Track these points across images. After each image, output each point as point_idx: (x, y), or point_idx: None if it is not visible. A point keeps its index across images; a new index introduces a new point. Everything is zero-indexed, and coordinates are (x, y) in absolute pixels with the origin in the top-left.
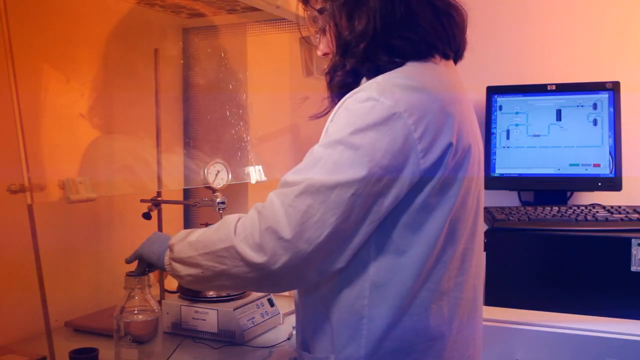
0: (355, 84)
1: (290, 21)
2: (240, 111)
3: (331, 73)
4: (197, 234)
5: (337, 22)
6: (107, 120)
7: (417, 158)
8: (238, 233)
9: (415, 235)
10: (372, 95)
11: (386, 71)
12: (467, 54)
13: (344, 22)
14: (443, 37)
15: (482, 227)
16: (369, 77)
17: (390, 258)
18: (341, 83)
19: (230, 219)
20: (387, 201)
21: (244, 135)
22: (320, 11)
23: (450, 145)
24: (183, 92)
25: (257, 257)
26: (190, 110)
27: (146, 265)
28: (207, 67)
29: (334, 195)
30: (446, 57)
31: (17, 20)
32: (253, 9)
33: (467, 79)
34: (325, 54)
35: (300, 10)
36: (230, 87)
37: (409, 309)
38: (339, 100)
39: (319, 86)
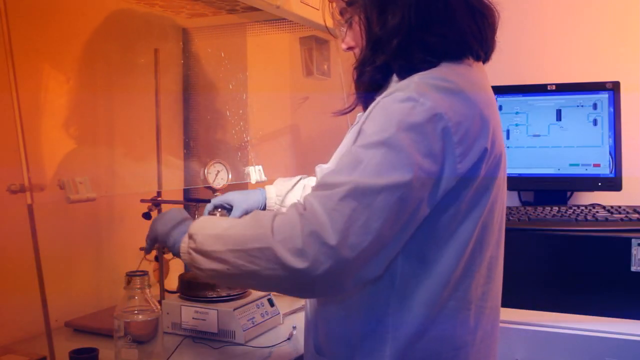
0: (384, 81)
1: (290, 21)
2: (240, 111)
3: (360, 69)
4: (223, 225)
5: (368, 15)
6: (107, 121)
7: (455, 162)
8: (276, 234)
9: (445, 243)
10: (412, 96)
11: (419, 70)
12: None
13: (376, 15)
14: (477, 38)
15: (504, 234)
16: (400, 75)
17: (418, 266)
18: (370, 79)
19: (263, 216)
20: (425, 207)
21: (244, 135)
22: (350, 3)
23: (485, 150)
24: (183, 92)
25: (297, 263)
26: (190, 110)
27: (156, 243)
28: (207, 67)
29: (380, 199)
30: (478, 58)
31: (17, 20)
32: (253, 9)
33: None
34: (349, 48)
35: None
36: (230, 87)
37: (436, 318)
38: (365, 97)
39: (319, 86)
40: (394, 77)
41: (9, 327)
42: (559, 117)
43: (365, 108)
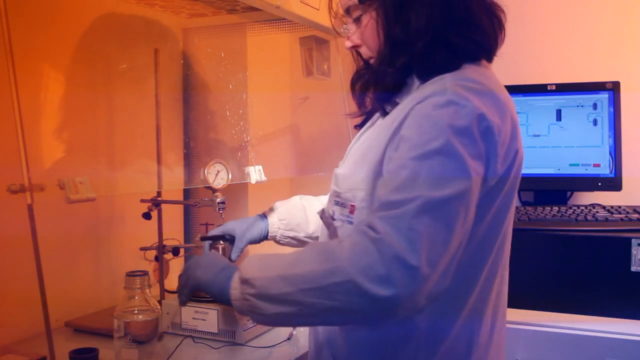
0: (403, 83)
1: (290, 21)
2: (240, 111)
3: (379, 70)
4: (280, 264)
5: (387, 15)
6: (107, 121)
7: (496, 163)
8: (353, 265)
9: (476, 247)
10: (452, 99)
11: (441, 72)
12: None
13: (396, 15)
14: (493, 38)
15: None
16: (421, 77)
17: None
18: (389, 81)
19: (326, 247)
20: (474, 210)
21: (244, 135)
22: (363, 0)
23: (517, 152)
24: (183, 92)
25: (383, 291)
26: (190, 110)
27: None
28: (207, 67)
29: (449, 210)
30: (490, 59)
31: (17, 20)
32: (253, 9)
33: None
34: (354, 47)
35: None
36: (230, 87)
37: (463, 320)
38: (382, 99)
39: (319, 86)
40: (414, 79)
41: (9, 327)
42: (559, 117)
43: (382, 110)
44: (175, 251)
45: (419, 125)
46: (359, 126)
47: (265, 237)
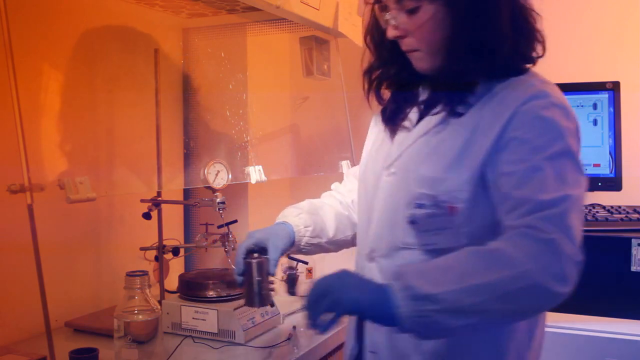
0: (477, 84)
1: (290, 21)
2: (240, 111)
3: (456, 70)
4: (451, 276)
5: (465, 13)
6: (107, 121)
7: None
8: (535, 268)
9: None
10: (555, 101)
11: (517, 74)
12: None
13: (477, 17)
14: (542, 43)
15: None
16: (493, 77)
17: None
18: (468, 81)
19: (494, 253)
20: None
21: (244, 135)
22: None
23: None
24: (183, 92)
25: (563, 288)
26: (190, 110)
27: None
28: (207, 67)
29: (582, 205)
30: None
31: (17, 20)
32: (253, 9)
33: None
34: (398, 37)
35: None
36: (230, 87)
37: (539, 318)
38: (454, 99)
39: (319, 86)
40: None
41: (9, 327)
42: None
43: (451, 110)
44: (175, 251)
45: (533, 127)
46: (390, 122)
47: (292, 245)
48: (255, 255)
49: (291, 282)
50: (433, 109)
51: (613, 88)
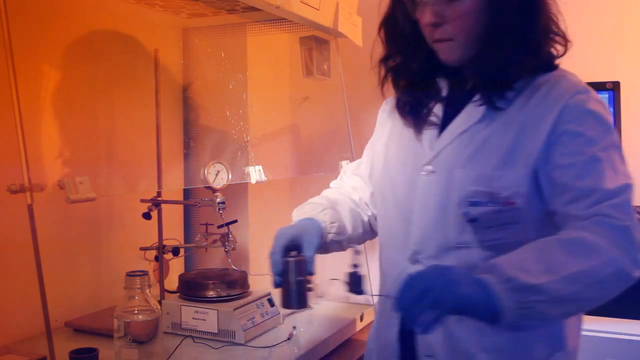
0: (509, 76)
1: (290, 21)
2: (240, 111)
3: (496, 60)
4: (544, 266)
5: (510, 10)
6: (107, 121)
7: None
8: (619, 253)
9: None
10: (594, 97)
11: (551, 69)
12: None
13: (517, 8)
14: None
15: None
16: (526, 71)
17: None
18: (502, 73)
19: (578, 241)
20: None
21: (244, 135)
22: None
23: None
24: (183, 92)
25: (638, 273)
26: (190, 110)
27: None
28: (207, 67)
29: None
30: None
31: (17, 20)
32: (253, 9)
33: None
34: (435, 23)
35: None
36: (230, 87)
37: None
38: (490, 91)
39: (319, 86)
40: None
41: (9, 327)
42: None
43: (489, 103)
44: (175, 251)
45: (584, 120)
46: (414, 117)
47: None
48: (293, 253)
49: (356, 280)
50: (470, 104)
51: (613, 88)
